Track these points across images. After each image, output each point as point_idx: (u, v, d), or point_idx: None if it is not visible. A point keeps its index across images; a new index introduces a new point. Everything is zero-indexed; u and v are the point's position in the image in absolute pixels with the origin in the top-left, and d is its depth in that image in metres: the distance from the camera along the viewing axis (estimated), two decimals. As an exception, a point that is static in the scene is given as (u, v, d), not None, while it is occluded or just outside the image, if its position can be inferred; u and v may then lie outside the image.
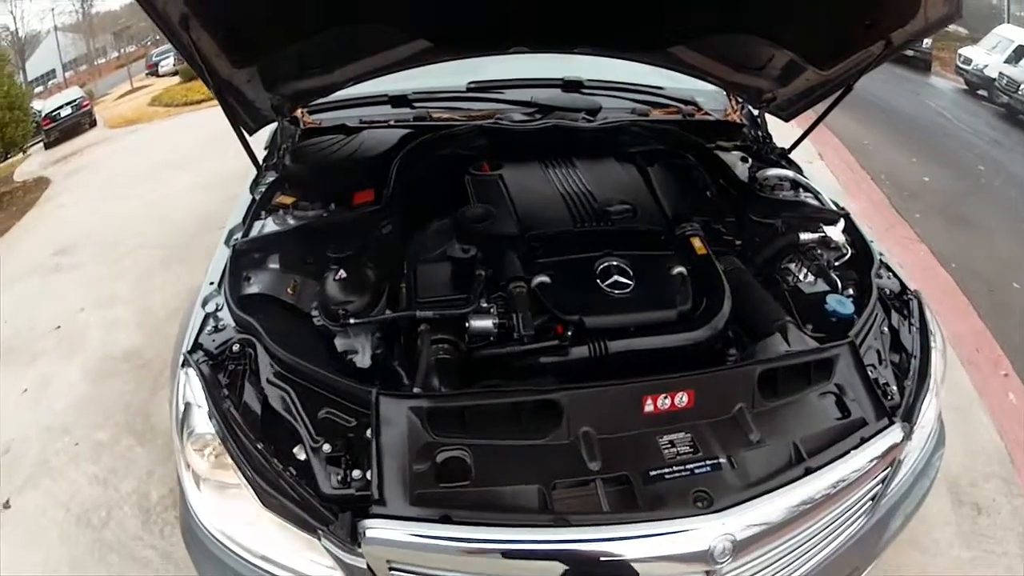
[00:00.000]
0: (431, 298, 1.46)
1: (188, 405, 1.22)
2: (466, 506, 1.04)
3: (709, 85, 2.27)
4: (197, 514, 1.23)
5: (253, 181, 1.90)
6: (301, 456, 1.13)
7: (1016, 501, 2.30)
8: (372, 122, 2.16)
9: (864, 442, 1.23)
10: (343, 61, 1.77)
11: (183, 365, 1.27)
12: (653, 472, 1.12)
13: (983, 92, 10.56)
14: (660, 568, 1.05)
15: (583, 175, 1.93)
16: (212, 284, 1.49)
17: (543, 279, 1.49)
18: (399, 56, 1.77)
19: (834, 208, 1.87)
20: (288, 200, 1.74)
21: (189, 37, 1.31)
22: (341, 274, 1.48)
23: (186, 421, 1.21)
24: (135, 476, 2.43)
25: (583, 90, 2.31)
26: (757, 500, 1.09)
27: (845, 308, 1.55)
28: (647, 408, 1.18)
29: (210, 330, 1.38)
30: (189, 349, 1.32)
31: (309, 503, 1.06)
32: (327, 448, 1.12)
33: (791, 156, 2.25)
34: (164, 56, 20.76)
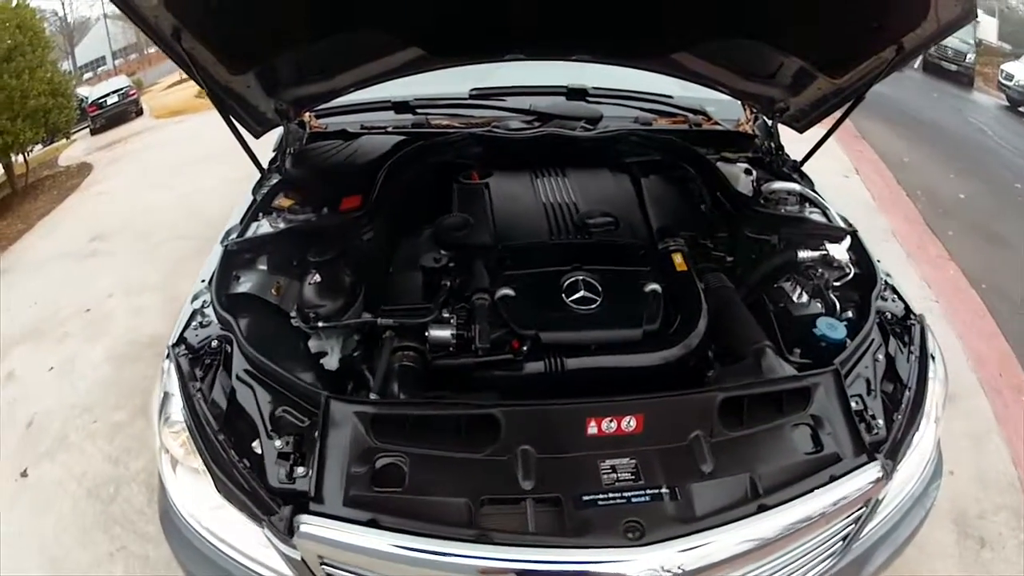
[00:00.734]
0: (396, 306, 1.50)
1: (167, 394, 1.31)
2: (394, 512, 1.07)
3: (722, 94, 2.18)
4: (172, 497, 1.32)
5: (257, 183, 1.98)
6: (258, 450, 1.18)
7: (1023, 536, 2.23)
8: (371, 128, 2.21)
9: (834, 480, 1.16)
10: (341, 68, 1.82)
11: (167, 357, 1.36)
12: (587, 497, 1.09)
13: (1024, 109, 10.15)
14: None
15: (572, 185, 1.94)
16: (203, 281, 1.57)
17: (506, 291, 1.51)
18: (395, 63, 1.82)
19: (841, 225, 1.79)
20: (287, 203, 1.80)
21: (182, 48, 1.38)
22: (316, 278, 1.55)
23: (164, 408, 1.31)
24: (145, 456, 2.57)
25: (588, 98, 2.29)
26: (696, 536, 1.05)
27: (836, 333, 1.48)
28: (590, 430, 1.15)
29: (196, 325, 1.47)
30: (174, 342, 1.41)
31: (257, 494, 1.11)
32: (278, 444, 1.17)
33: (805, 167, 2.17)
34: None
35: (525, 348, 1.40)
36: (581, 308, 1.51)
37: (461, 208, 1.82)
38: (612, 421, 1.15)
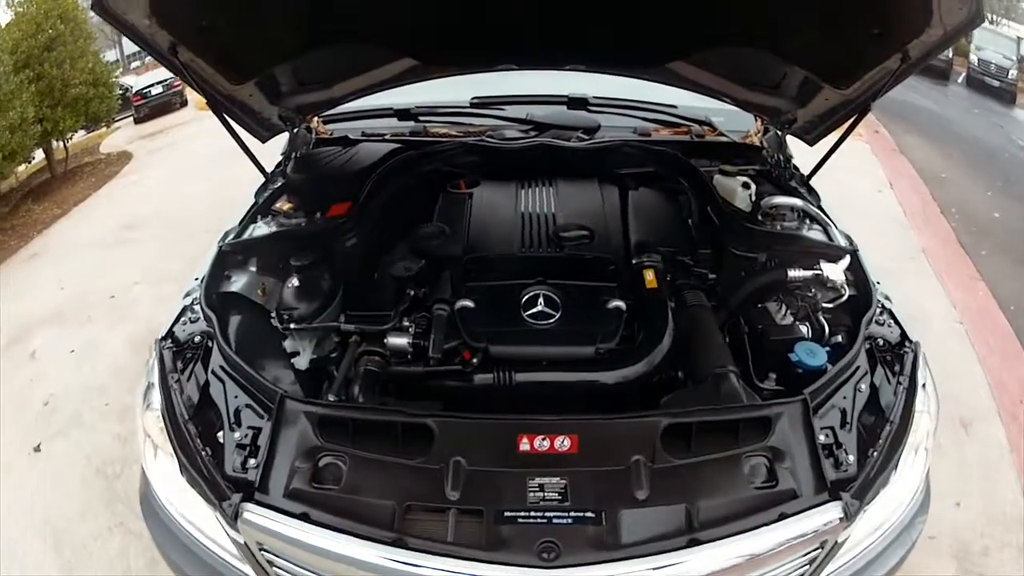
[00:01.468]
0: (362, 312, 1.57)
1: (150, 384, 1.43)
2: (327, 509, 1.13)
3: (731, 105, 2.13)
4: (150, 480, 1.43)
5: (261, 186, 2.07)
6: (221, 440, 1.26)
7: (1026, 576, 2.18)
8: (371, 135, 2.28)
9: (784, 518, 1.12)
10: (340, 77, 1.91)
11: (154, 348, 1.47)
12: (508, 512, 1.11)
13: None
14: None
15: (557, 196, 1.96)
16: (196, 279, 1.67)
17: (466, 303, 1.54)
18: (390, 73, 1.89)
19: (841, 243, 1.73)
20: (286, 207, 1.89)
21: (179, 61, 1.47)
22: (295, 281, 1.64)
23: (147, 396, 1.42)
24: (150, 439, 2.71)
25: (590, 108, 2.29)
26: (613, 564, 1.05)
27: (814, 359, 1.43)
28: (522, 447, 1.16)
29: (185, 320, 1.57)
30: (162, 336, 1.51)
31: (214, 481, 1.18)
32: (237, 435, 1.25)
33: (817, 175, 2.09)
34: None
35: (475, 360, 1.43)
36: (537, 323, 1.52)
37: (442, 217, 1.88)
38: (545, 440, 1.16)
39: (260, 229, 1.82)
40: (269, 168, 2.14)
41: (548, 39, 1.78)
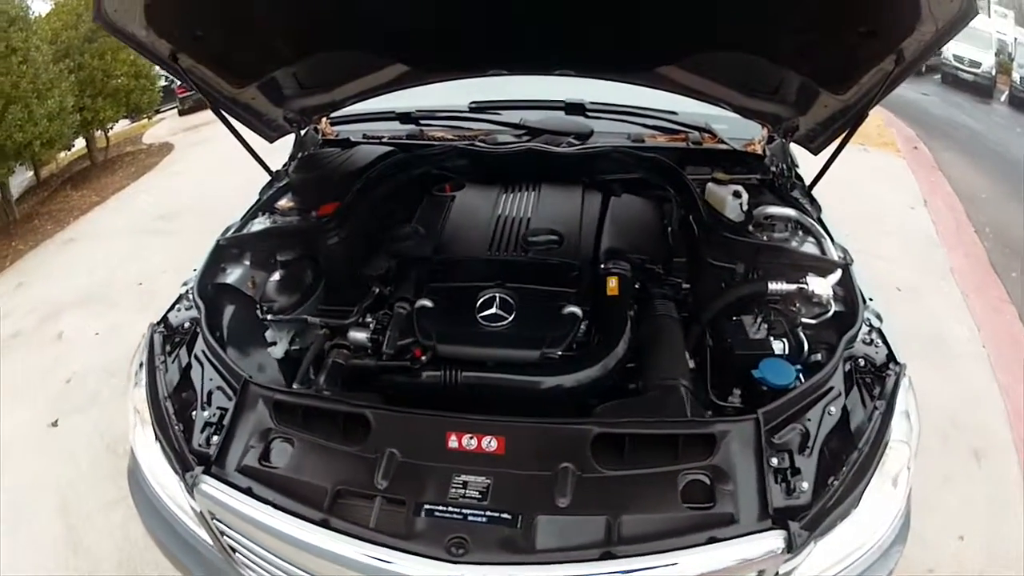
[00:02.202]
0: (332, 307, 1.68)
1: (141, 363, 1.57)
2: (269, 486, 1.23)
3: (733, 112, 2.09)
4: (136, 452, 1.56)
5: (267, 184, 2.21)
6: (194, 417, 1.39)
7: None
8: (370, 137, 2.38)
9: (713, 543, 1.09)
10: (338, 82, 2.02)
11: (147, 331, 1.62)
12: (428, 505, 1.15)
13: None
14: None
15: (537, 201, 2.02)
16: (194, 270, 1.80)
17: (424, 302, 1.62)
18: (384, 79, 1.99)
19: (834, 257, 1.68)
20: (288, 205, 2.02)
21: (181, 67, 1.60)
22: (277, 275, 1.77)
23: (137, 375, 1.57)
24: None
25: (587, 113, 2.31)
26: (520, 567, 1.07)
27: (779, 377, 1.39)
28: (451, 444, 1.21)
29: (180, 308, 1.72)
30: (156, 321, 1.66)
31: (183, 454, 1.31)
32: (206, 414, 1.38)
33: (824, 187, 2.00)
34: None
35: (424, 358, 1.49)
36: (489, 325, 1.56)
37: (422, 218, 1.98)
38: (472, 438, 1.21)
39: (256, 225, 1.95)
40: (275, 168, 2.26)
41: (537, 44, 1.80)
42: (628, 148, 2.16)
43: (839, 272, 1.59)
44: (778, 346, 1.52)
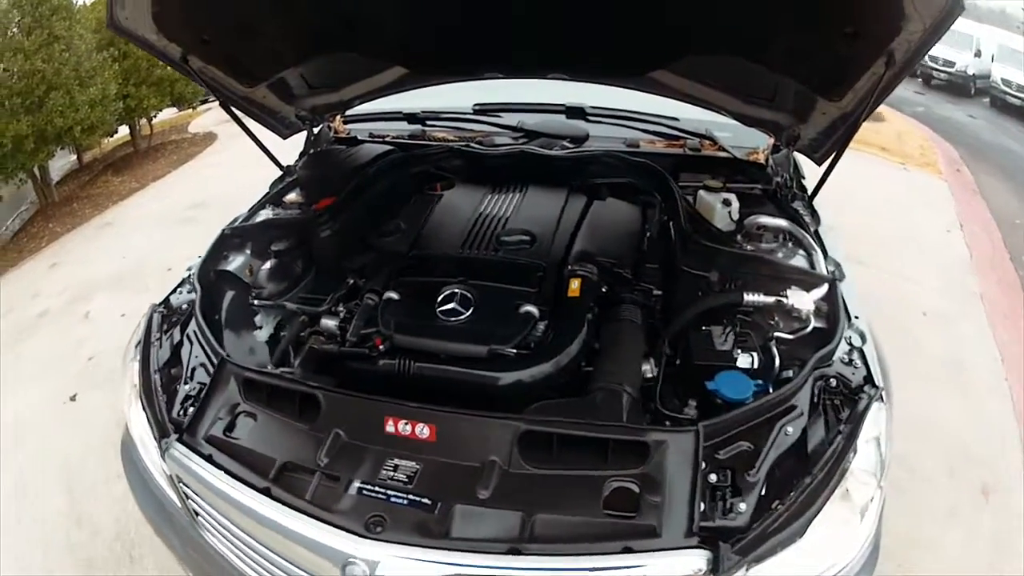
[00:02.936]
0: (311, 295, 1.81)
1: (139, 340, 1.70)
2: (228, 455, 1.34)
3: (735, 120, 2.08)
4: (129, 424, 1.68)
5: (278, 178, 2.35)
6: (178, 390, 1.51)
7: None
8: (375, 137, 2.50)
9: (627, 552, 1.09)
10: (344, 83, 2.14)
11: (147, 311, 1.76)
12: (359, 484, 1.23)
13: None
14: (306, 557, 1.21)
15: (520, 202, 2.08)
16: (199, 257, 1.93)
17: (391, 295, 1.70)
18: (386, 80, 2.11)
19: (823, 271, 1.65)
20: (295, 199, 2.15)
21: (193, 69, 1.72)
22: (270, 264, 1.90)
23: (136, 351, 1.69)
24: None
25: (588, 117, 2.37)
26: (428, 551, 1.12)
27: (735, 391, 1.36)
28: (388, 428, 1.29)
29: (182, 290, 1.86)
30: (159, 302, 1.79)
31: (163, 422, 1.45)
32: (187, 388, 1.51)
33: (832, 196, 1.99)
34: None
35: (382, 348, 1.56)
36: (446, 319, 1.62)
37: (407, 215, 2.08)
38: (407, 424, 1.28)
39: (261, 217, 2.08)
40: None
41: (530, 49, 1.87)
42: (618, 153, 2.18)
43: (824, 287, 1.55)
44: (745, 359, 1.49)
